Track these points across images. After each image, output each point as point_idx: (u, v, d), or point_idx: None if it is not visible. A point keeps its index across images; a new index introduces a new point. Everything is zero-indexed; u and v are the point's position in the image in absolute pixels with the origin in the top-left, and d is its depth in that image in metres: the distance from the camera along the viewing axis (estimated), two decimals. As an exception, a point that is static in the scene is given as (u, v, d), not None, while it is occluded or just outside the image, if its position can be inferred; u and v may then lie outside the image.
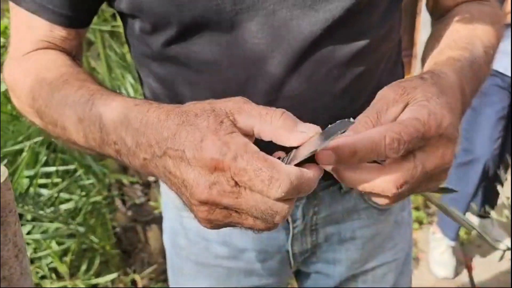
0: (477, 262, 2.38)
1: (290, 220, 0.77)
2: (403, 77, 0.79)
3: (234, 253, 0.82)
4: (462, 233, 2.48)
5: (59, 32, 0.65)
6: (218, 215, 0.43)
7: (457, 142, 0.48)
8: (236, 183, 0.41)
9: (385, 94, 0.49)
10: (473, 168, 2.16)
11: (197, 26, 0.60)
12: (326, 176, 0.73)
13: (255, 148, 0.41)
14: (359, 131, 0.45)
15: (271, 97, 0.62)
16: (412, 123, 0.44)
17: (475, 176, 2.17)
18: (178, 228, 0.86)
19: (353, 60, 0.63)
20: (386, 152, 0.43)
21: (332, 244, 0.82)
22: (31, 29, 0.65)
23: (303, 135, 0.43)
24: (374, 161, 0.46)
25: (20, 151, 1.27)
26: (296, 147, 0.44)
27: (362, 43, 0.63)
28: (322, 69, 0.62)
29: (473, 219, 2.49)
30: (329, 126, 0.44)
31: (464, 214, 2.28)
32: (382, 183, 0.44)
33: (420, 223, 2.64)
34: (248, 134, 0.44)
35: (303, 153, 0.42)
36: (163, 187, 0.89)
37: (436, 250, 2.31)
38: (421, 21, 3.98)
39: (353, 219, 0.80)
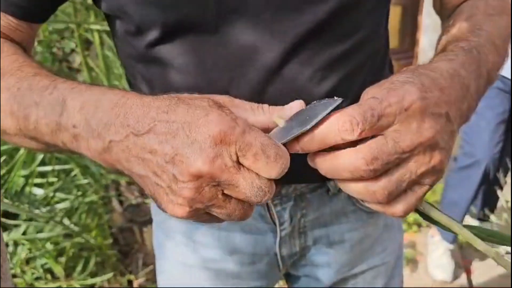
0: (476, 265, 2.37)
1: (277, 222, 0.76)
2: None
3: (222, 255, 0.82)
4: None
5: (9, 21, 0.62)
6: (205, 195, 0.43)
7: (439, 116, 0.46)
8: (237, 160, 0.42)
9: (367, 94, 0.48)
10: (474, 171, 2.16)
11: (181, 28, 0.60)
12: (314, 179, 0.73)
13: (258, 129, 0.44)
14: None
15: (254, 99, 0.61)
16: (367, 102, 0.44)
17: (476, 179, 2.16)
18: (167, 231, 0.85)
19: (337, 62, 0.63)
20: (341, 134, 0.43)
21: (321, 247, 0.81)
22: None
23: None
24: None
25: (17, 149, 1.27)
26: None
27: (346, 45, 0.62)
28: (306, 71, 0.61)
29: (473, 222, 2.49)
30: (314, 102, 0.46)
31: (464, 216, 2.28)
32: (352, 160, 0.43)
33: (419, 225, 2.64)
34: None
35: (284, 136, 0.45)
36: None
37: (434, 253, 2.31)
38: (423, 23, 3.97)
39: (341, 222, 0.80)
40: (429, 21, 3.91)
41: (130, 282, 1.85)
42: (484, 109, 2.12)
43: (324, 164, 0.46)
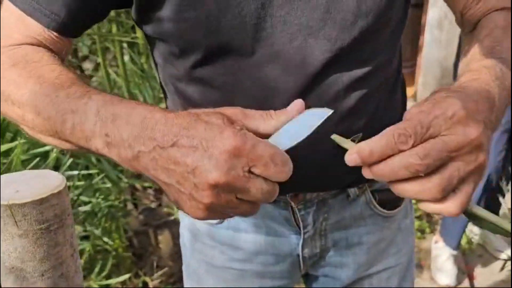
0: (478, 271, 2.42)
1: (301, 225, 0.83)
2: (403, 99, 0.85)
3: (248, 256, 0.88)
4: (463, 242, 2.52)
5: (50, 34, 0.66)
6: (222, 200, 0.49)
7: (480, 122, 0.52)
8: (249, 169, 0.48)
9: (410, 113, 0.54)
10: (477, 179, 2.21)
11: (222, 51, 0.66)
12: (334, 186, 0.80)
13: (265, 140, 0.50)
14: None
15: None
16: (416, 116, 0.51)
17: (479, 187, 2.21)
18: (196, 233, 0.91)
19: (358, 83, 0.69)
20: (398, 146, 0.50)
21: (340, 249, 0.87)
22: (23, 24, 0.66)
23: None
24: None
25: (47, 152, 1.33)
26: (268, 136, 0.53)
27: (366, 68, 0.69)
28: (331, 91, 0.68)
29: (475, 229, 2.54)
30: (308, 110, 0.54)
31: (467, 223, 2.32)
32: (407, 157, 0.50)
33: (423, 232, 2.69)
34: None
35: (287, 143, 0.52)
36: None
37: (438, 259, 2.36)
38: (425, 34, 4.03)
39: (359, 225, 0.86)
40: (431, 28, 3.96)
41: (145, 283, 1.90)
42: (488, 119, 2.18)
43: (382, 169, 0.51)
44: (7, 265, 0.47)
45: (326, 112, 0.53)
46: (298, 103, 0.54)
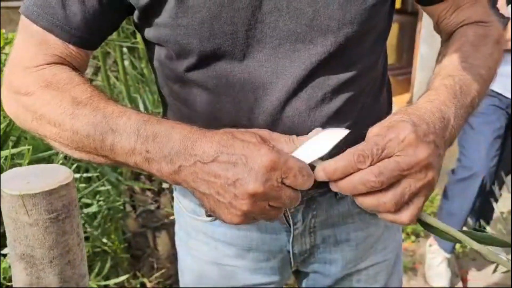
0: (472, 275, 2.45)
1: (291, 222, 0.87)
2: (388, 100, 0.90)
3: (241, 252, 0.91)
4: (457, 246, 2.56)
5: (70, 50, 0.71)
6: (258, 207, 0.57)
7: (429, 143, 0.59)
8: (282, 181, 0.56)
9: (371, 132, 0.62)
10: (472, 184, 2.24)
11: (215, 56, 0.70)
12: (323, 184, 0.84)
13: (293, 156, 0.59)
14: None
15: (274, 117, 0.73)
16: (372, 139, 0.59)
17: (473, 191, 2.24)
18: (190, 231, 0.95)
19: (344, 86, 0.74)
20: (357, 165, 0.58)
21: (329, 245, 0.91)
22: (45, 43, 0.70)
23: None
24: None
25: (53, 155, 1.36)
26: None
27: (351, 72, 0.74)
28: (318, 93, 0.72)
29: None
30: (327, 129, 0.62)
31: (462, 227, 2.36)
32: (364, 174, 0.57)
33: (417, 236, 2.73)
34: None
35: (308, 158, 0.60)
36: (176, 194, 0.98)
37: (432, 261, 2.39)
38: (420, 41, 4.08)
39: (347, 222, 0.90)
40: (426, 35, 4.01)
41: (143, 284, 1.93)
42: (481, 125, 2.22)
43: (344, 183, 0.60)
44: (17, 252, 0.52)
45: (343, 132, 0.61)
46: (317, 130, 0.62)
